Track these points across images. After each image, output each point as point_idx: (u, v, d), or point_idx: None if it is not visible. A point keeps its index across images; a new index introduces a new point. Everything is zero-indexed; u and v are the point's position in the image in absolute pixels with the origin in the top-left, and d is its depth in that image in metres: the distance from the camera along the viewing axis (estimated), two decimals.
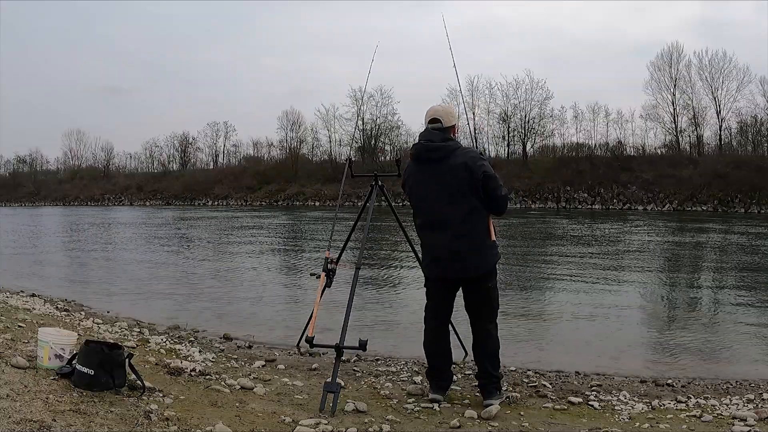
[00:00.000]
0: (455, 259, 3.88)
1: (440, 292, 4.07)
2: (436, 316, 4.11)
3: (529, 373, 5.05)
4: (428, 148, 3.93)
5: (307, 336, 4.11)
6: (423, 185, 3.98)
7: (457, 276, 3.95)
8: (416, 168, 4.03)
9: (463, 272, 3.91)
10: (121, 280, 11.13)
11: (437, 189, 3.90)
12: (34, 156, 75.11)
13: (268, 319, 7.60)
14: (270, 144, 64.66)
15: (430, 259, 4.04)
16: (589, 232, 22.05)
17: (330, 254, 4.33)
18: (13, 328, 5.00)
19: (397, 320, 7.42)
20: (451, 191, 3.86)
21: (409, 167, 4.11)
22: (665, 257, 14.68)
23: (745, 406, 4.08)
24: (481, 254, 3.90)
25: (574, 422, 3.71)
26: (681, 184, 42.00)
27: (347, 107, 57.69)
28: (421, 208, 4.03)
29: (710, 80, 47.28)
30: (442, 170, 3.88)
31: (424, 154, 3.95)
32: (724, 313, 7.96)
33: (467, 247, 3.87)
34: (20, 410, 2.82)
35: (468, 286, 3.99)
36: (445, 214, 3.89)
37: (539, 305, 8.63)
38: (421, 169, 3.98)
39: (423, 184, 3.98)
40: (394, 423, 3.49)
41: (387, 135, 57.26)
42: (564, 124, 53.03)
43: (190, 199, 59.52)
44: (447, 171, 3.86)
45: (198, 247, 17.44)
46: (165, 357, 4.80)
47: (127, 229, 26.09)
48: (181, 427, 3.02)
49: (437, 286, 4.07)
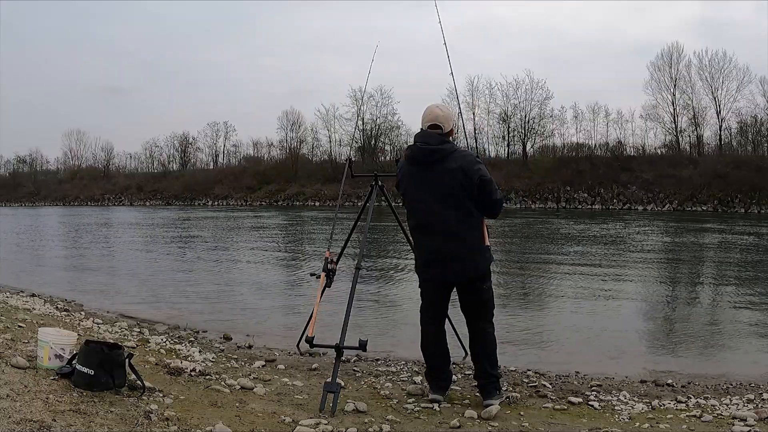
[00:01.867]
0: (452, 260, 3.86)
1: (436, 294, 4.05)
2: (433, 318, 4.09)
3: (529, 373, 5.05)
4: (424, 152, 3.89)
5: (307, 336, 4.10)
6: (418, 187, 3.94)
7: (455, 278, 3.94)
8: (411, 169, 3.98)
9: (462, 274, 3.90)
10: (121, 280, 11.13)
11: (433, 192, 3.87)
12: (34, 156, 75.21)
13: (268, 319, 7.60)
14: (270, 144, 64.76)
15: (425, 261, 4.01)
16: (589, 232, 22.05)
17: (330, 254, 4.33)
18: (13, 328, 5.00)
19: (397, 320, 7.42)
20: (447, 194, 3.83)
21: (403, 167, 4.05)
22: (665, 257, 14.68)
23: (745, 406, 4.08)
24: (477, 257, 3.90)
25: (574, 422, 3.71)
26: (681, 184, 42.01)
27: (347, 107, 57.68)
28: (417, 210, 4.00)
29: (710, 80, 47.34)
30: (438, 173, 3.84)
31: (420, 156, 3.91)
32: (724, 313, 7.97)
33: (463, 249, 3.86)
34: (20, 410, 2.82)
35: (464, 287, 3.98)
36: (440, 216, 3.86)
37: (539, 305, 8.63)
38: (417, 171, 3.94)
39: (418, 187, 3.94)
40: (394, 423, 3.49)
41: (387, 135, 57.30)
42: (564, 124, 53.08)
43: (190, 199, 59.50)
44: (443, 174, 3.83)
45: (198, 248, 17.43)
46: (165, 357, 4.81)
47: (127, 229, 26.09)
48: (181, 427, 3.02)
49: (432, 288, 4.05)
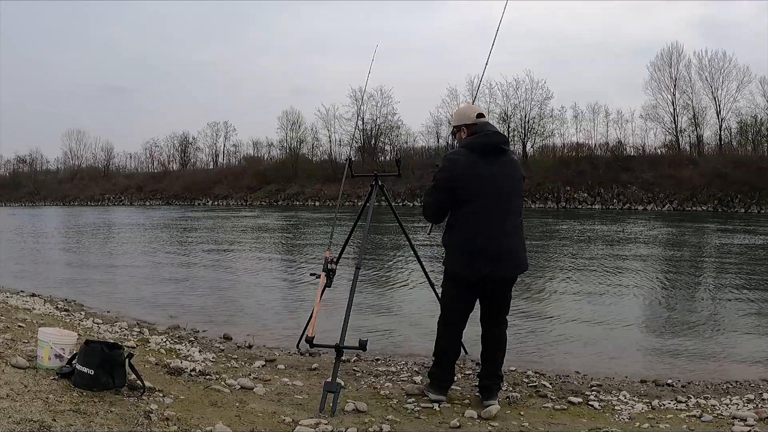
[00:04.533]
0: (518, 253, 3.85)
1: (475, 292, 3.87)
2: (465, 319, 3.95)
3: (529, 373, 5.05)
4: (502, 137, 3.90)
5: (307, 336, 4.11)
6: (493, 176, 3.77)
7: (515, 273, 3.90)
8: (480, 160, 3.76)
9: (521, 268, 3.91)
10: (121, 279, 11.13)
11: (506, 181, 3.83)
12: (34, 156, 75.28)
13: (269, 319, 7.60)
14: (270, 144, 64.78)
15: (492, 254, 3.73)
16: (589, 232, 22.04)
17: (330, 254, 4.33)
18: (13, 328, 5.01)
19: (397, 320, 7.40)
20: (516, 185, 3.89)
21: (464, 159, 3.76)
22: (665, 257, 14.68)
23: (745, 406, 4.08)
24: (525, 251, 3.94)
25: (574, 422, 3.71)
26: (681, 184, 41.99)
27: (347, 107, 57.81)
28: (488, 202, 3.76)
29: (710, 80, 47.29)
30: (508, 162, 3.87)
31: (499, 141, 3.88)
32: (724, 313, 7.96)
33: (522, 242, 3.91)
34: (20, 410, 2.82)
35: (508, 284, 3.93)
36: (511, 207, 3.84)
37: (539, 305, 8.62)
38: (490, 159, 3.78)
39: (493, 176, 3.77)
40: (394, 423, 3.49)
41: (387, 135, 57.29)
42: (564, 124, 53.07)
43: (190, 199, 59.48)
44: (513, 163, 3.88)
45: (198, 247, 17.42)
46: (165, 357, 4.81)
47: (127, 229, 26.08)
48: (181, 427, 3.02)
49: (471, 286, 3.83)
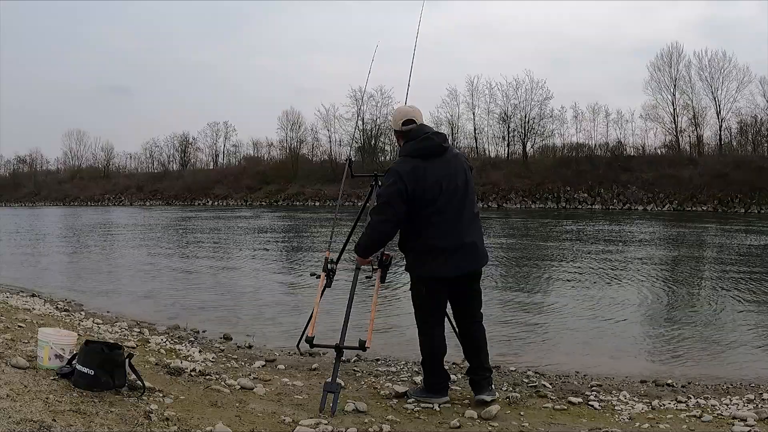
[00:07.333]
0: (477, 248, 3.88)
1: (444, 291, 3.91)
2: (441, 318, 3.97)
3: (529, 373, 5.04)
4: (443, 138, 3.94)
5: (307, 336, 4.10)
6: (442, 177, 3.81)
7: (478, 266, 3.93)
8: (425, 163, 3.80)
9: (483, 261, 3.95)
10: (121, 280, 11.13)
11: (453, 179, 3.84)
12: (34, 156, 75.26)
13: (269, 319, 7.60)
14: (270, 144, 64.83)
15: (451, 250, 3.78)
16: (589, 232, 22.04)
17: (330, 254, 4.33)
18: (13, 328, 5.01)
19: (397, 320, 7.41)
20: (466, 180, 3.91)
21: (408, 166, 3.81)
22: (665, 257, 14.68)
23: (745, 406, 4.08)
24: (483, 243, 3.98)
25: (574, 422, 3.71)
26: (681, 184, 42.01)
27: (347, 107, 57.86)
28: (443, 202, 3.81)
29: (710, 80, 47.35)
30: (452, 160, 3.88)
31: (442, 142, 3.91)
32: (724, 313, 7.96)
33: (481, 235, 3.96)
34: (20, 410, 2.82)
35: (471, 281, 3.95)
36: (465, 202, 3.87)
37: (539, 305, 8.62)
38: (434, 162, 3.82)
39: (441, 177, 3.81)
40: (394, 423, 3.49)
41: (387, 135, 57.25)
42: (564, 124, 53.18)
43: (190, 200, 59.49)
44: (456, 161, 3.90)
45: (198, 248, 17.43)
46: (165, 357, 4.81)
47: (127, 229, 26.09)
48: (181, 427, 3.02)
49: (444, 284, 3.87)
